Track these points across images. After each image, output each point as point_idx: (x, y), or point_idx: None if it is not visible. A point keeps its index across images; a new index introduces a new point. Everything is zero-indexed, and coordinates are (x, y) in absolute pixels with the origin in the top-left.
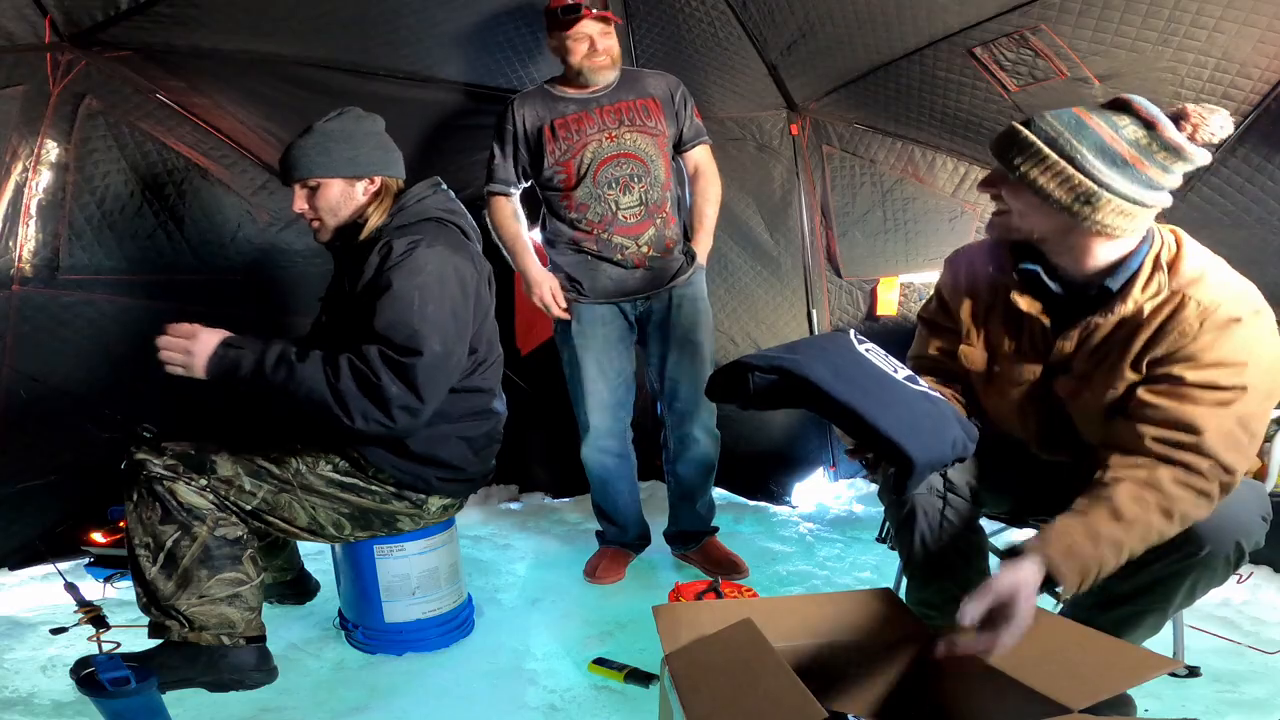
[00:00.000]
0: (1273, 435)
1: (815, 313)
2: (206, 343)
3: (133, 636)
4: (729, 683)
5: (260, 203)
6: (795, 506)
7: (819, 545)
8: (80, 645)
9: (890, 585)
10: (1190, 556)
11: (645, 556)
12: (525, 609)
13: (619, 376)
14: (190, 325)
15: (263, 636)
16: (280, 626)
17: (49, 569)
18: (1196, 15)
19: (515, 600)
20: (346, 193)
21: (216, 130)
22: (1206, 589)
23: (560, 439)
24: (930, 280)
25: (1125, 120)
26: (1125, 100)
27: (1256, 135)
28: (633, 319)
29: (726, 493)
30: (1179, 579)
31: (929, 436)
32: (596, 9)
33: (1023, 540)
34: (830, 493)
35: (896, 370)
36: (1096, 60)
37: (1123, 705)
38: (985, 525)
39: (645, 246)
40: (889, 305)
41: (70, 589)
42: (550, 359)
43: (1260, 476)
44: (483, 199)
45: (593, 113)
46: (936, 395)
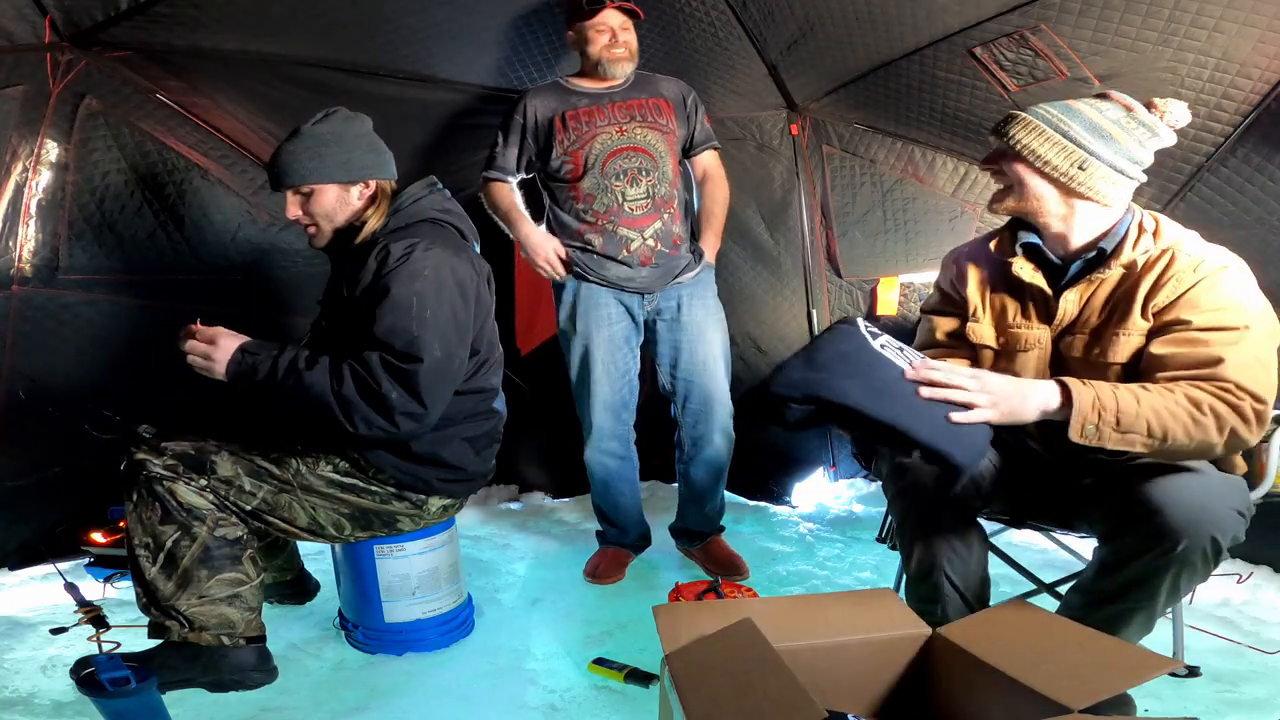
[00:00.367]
0: (1270, 435)
1: (815, 313)
2: (226, 348)
3: (133, 636)
4: (729, 683)
5: (260, 203)
6: (795, 506)
7: (819, 545)
8: (80, 645)
9: (890, 585)
10: (1168, 552)
11: (645, 556)
12: (525, 609)
13: (623, 378)
14: (212, 329)
15: (263, 636)
16: (280, 626)
17: (49, 569)
18: (1196, 15)
19: (515, 600)
20: (341, 198)
21: (216, 130)
22: (1190, 585)
23: (560, 439)
24: (930, 280)
25: (1107, 105)
26: (1105, 92)
27: (1256, 135)
28: (640, 320)
29: (727, 492)
30: (1160, 574)
31: (966, 435)
32: (621, 0)
33: None
34: (830, 493)
35: (913, 364)
36: (1096, 60)
37: (1123, 705)
38: (985, 525)
39: (652, 240)
40: (889, 305)
41: (70, 589)
42: (550, 359)
43: (1258, 476)
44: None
45: (604, 107)
46: None
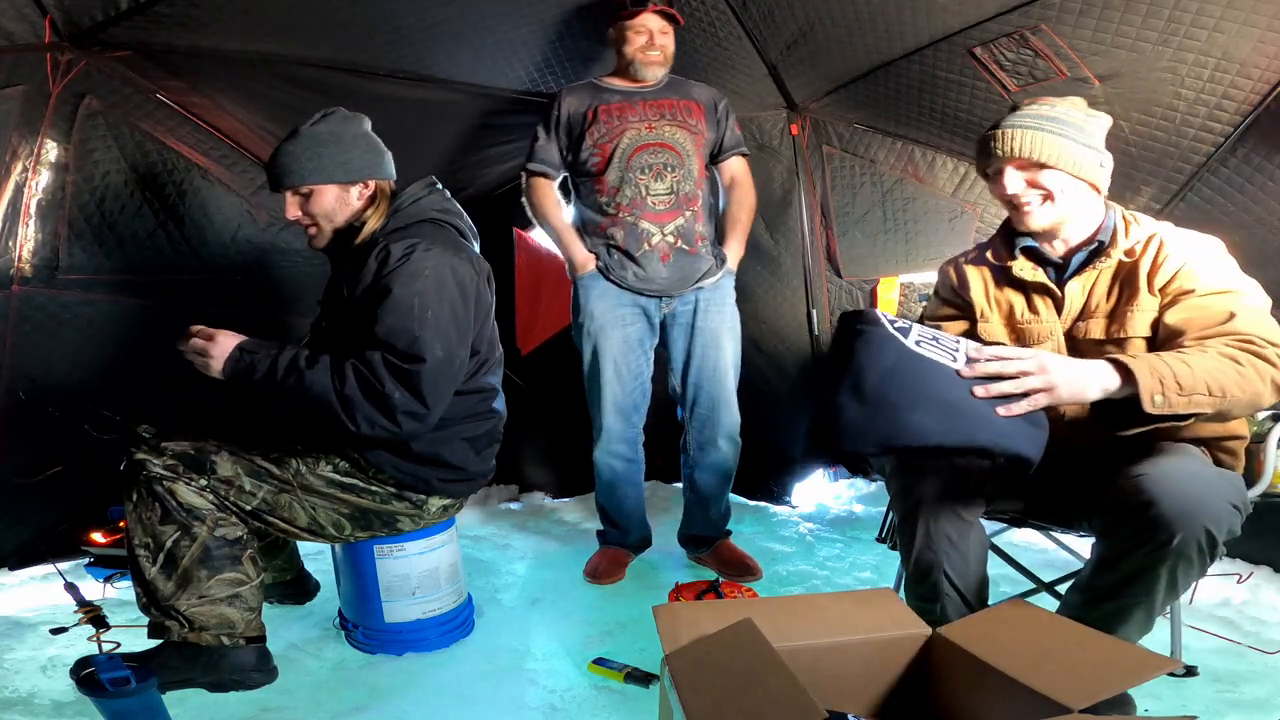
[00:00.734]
0: (1267, 434)
1: (815, 313)
2: (224, 345)
3: (133, 636)
4: (729, 683)
5: (260, 203)
6: (795, 506)
7: (819, 545)
8: (80, 645)
9: (890, 585)
10: (1163, 545)
11: (645, 557)
12: (525, 609)
13: (635, 380)
14: (211, 329)
15: (263, 637)
16: (280, 626)
17: (49, 569)
18: (1196, 15)
19: (515, 600)
20: (341, 198)
21: (216, 130)
22: (1187, 580)
23: (560, 439)
24: (930, 280)
25: (1060, 103)
26: (1032, 100)
27: (1256, 135)
28: (657, 321)
29: None
30: (1156, 569)
31: (1030, 425)
32: (662, 4)
33: None
34: (830, 493)
35: (955, 356)
36: (1096, 60)
37: (1123, 705)
38: (985, 525)
39: (672, 236)
40: (889, 305)
41: (70, 589)
42: (550, 359)
43: (1256, 474)
44: (484, 199)
45: (636, 104)
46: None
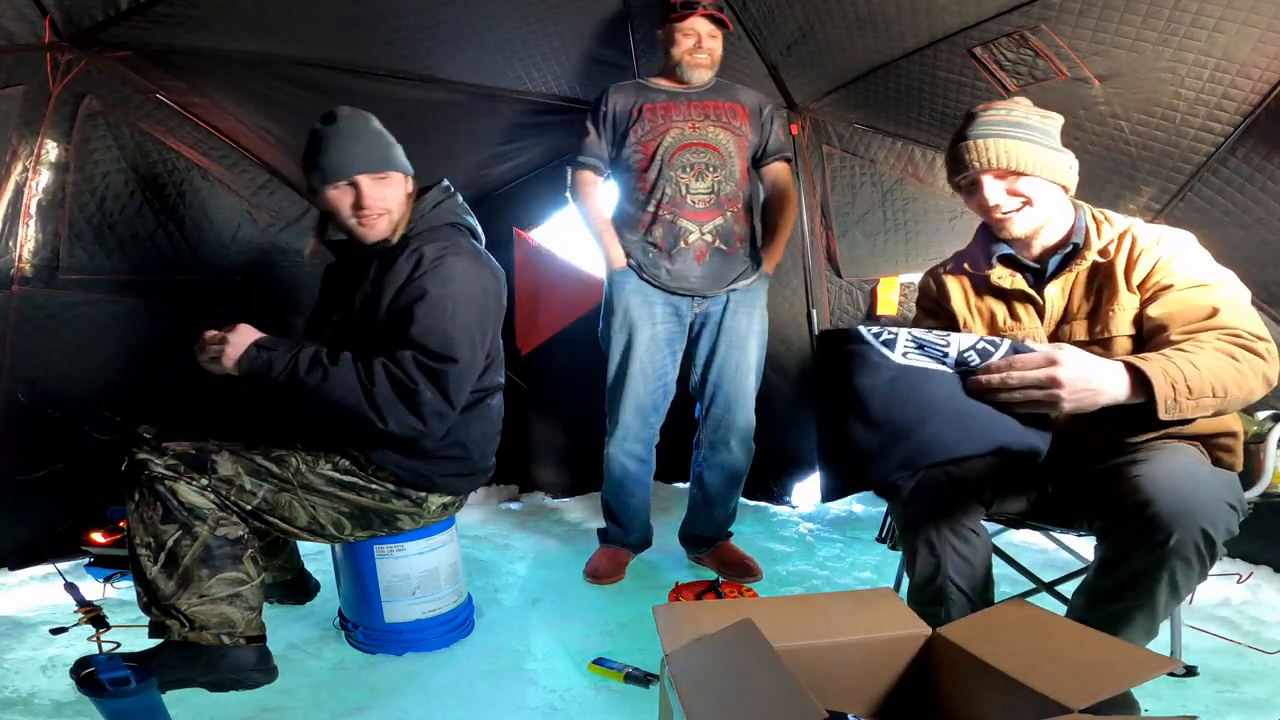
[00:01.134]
0: (1266, 434)
1: (815, 313)
2: (244, 335)
3: (133, 636)
4: (729, 683)
5: (260, 203)
6: (795, 506)
7: (819, 545)
8: (80, 645)
9: (890, 585)
10: (1160, 545)
11: (645, 556)
12: (525, 609)
13: (659, 381)
14: (230, 324)
15: (263, 636)
16: (280, 626)
17: (49, 569)
18: (1196, 15)
19: (515, 600)
20: (402, 188)
21: (216, 130)
22: (1188, 582)
23: (561, 439)
24: None
25: (1017, 105)
26: (984, 106)
27: (1256, 135)
28: (687, 321)
29: None
30: (1156, 570)
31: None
32: (711, 8)
33: None
34: None
35: (945, 354)
36: (1096, 60)
37: (1127, 707)
38: (986, 526)
39: (710, 236)
40: (889, 305)
41: (70, 589)
42: (550, 359)
43: (1256, 473)
44: (484, 199)
45: (681, 104)
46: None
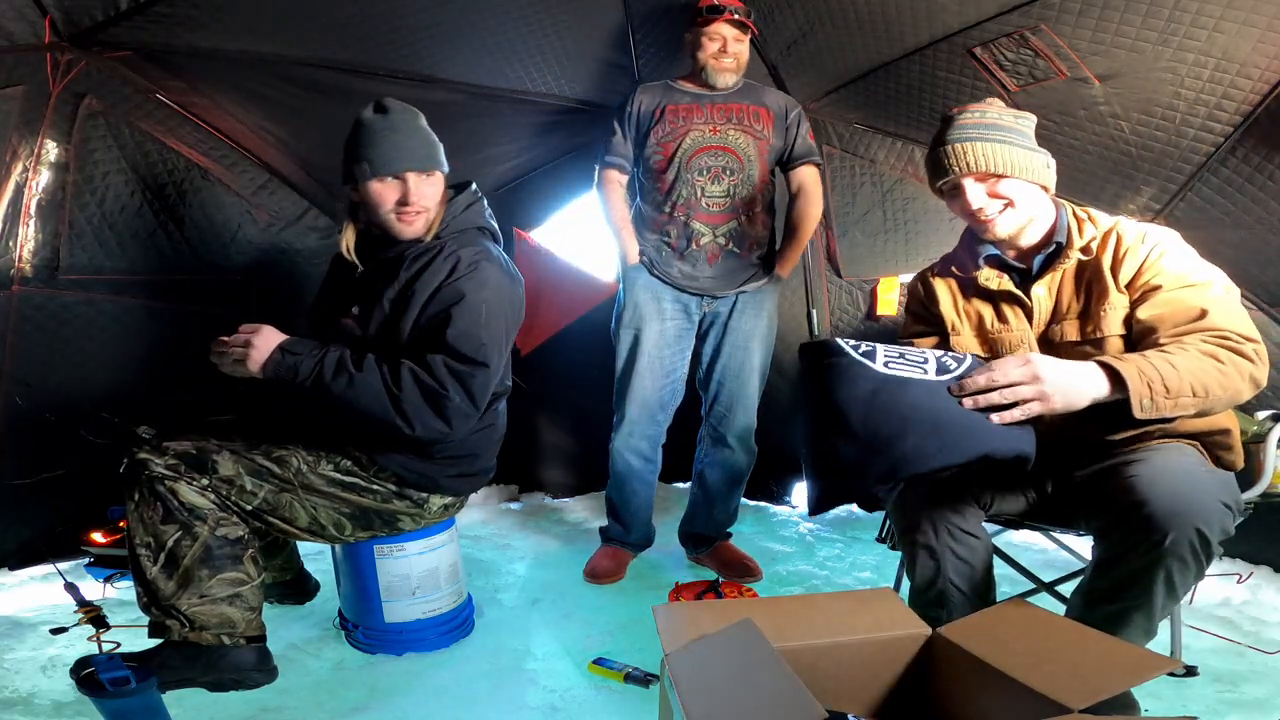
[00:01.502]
0: (1266, 434)
1: (815, 313)
2: (269, 339)
3: (133, 636)
4: (729, 683)
5: (260, 203)
6: (795, 506)
7: (819, 545)
8: (80, 645)
9: (890, 585)
10: (1156, 545)
11: (645, 556)
12: (525, 609)
13: (667, 377)
14: (254, 325)
15: (263, 636)
16: (280, 626)
17: (49, 569)
18: (1196, 15)
19: (515, 600)
20: (441, 187)
21: (216, 130)
22: (1185, 582)
23: (561, 439)
24: None
25: (991, 107)
26: (960, 108)
27: (1256, 135)
28: (696, 319)
29: None
30: (1152, 570)
31: (1016, 426)
32: (738, 14)
33: None
34: None
35: (924, 370)
36: (1096, 60)
37: (1126, 706)
38: (986, 527)
39: (723, 239)
40: (889, 305)
41: (70, 589)
42: (550, 359)
43: (1256, 473)
44: (487, 198)
45: (704, 106)
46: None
